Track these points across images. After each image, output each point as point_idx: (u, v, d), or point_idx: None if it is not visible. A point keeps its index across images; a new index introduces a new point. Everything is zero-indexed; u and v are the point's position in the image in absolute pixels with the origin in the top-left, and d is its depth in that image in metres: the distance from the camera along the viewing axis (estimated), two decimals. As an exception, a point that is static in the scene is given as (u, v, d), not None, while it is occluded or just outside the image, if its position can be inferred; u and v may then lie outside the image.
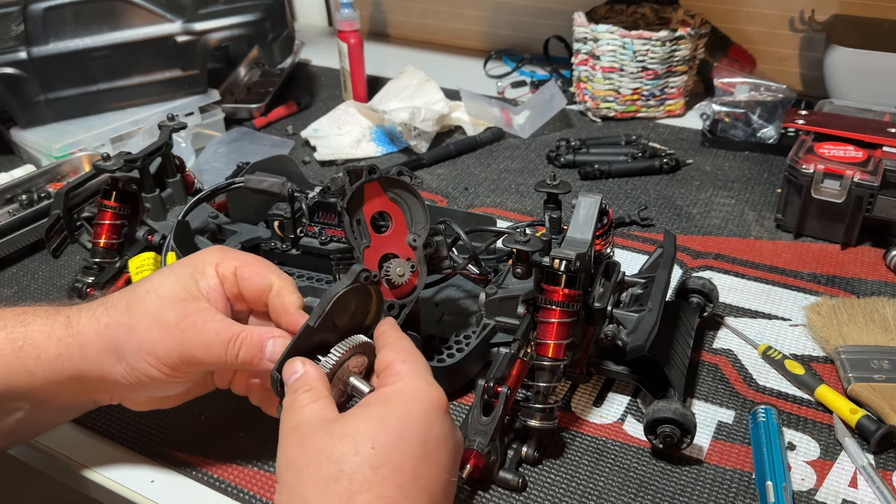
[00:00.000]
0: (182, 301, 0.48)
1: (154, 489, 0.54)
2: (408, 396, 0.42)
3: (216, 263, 0.50)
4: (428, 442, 0.41)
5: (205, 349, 0.47)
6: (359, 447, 0.39)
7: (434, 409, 0.42)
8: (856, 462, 0.54)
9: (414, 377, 0.43)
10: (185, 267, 0.50)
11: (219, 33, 1.00)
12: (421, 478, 0.39)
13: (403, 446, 0.40)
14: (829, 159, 0.77)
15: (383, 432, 0.40)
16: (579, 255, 0.52)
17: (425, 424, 0.41)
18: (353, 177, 0.54)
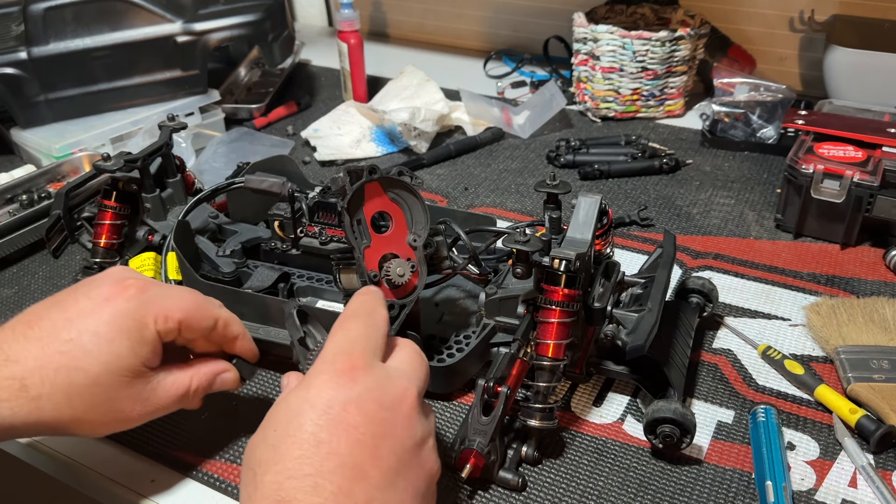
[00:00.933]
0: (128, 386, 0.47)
1: (154, 489, 0.54)
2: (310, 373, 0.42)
3: (154, 321, 0.48)
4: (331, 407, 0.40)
5: (165, 405, 0.50)
6: (266, 434, 0.41)
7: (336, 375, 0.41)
8: (855, 462, 0.54)
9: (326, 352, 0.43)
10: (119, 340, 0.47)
11: (219, 33, 1.00)
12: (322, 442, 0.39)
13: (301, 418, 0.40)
14: (828, 159, 0.77)
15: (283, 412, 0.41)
16: (579, 255, 0.52)
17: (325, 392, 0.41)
18: (354, 177, 0.54)
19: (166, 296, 0.49)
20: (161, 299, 0.49)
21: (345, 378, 0.41)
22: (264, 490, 0.38)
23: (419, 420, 0.43)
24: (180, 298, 0.49)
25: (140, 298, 0.48)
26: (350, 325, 0.45)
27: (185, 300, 0.49)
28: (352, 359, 0.42)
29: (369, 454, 0.39)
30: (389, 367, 0.44)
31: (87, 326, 0.47)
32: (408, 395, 0.42)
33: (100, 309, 0.47)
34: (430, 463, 0.43)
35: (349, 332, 0.44)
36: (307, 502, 0.37)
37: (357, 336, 0.44)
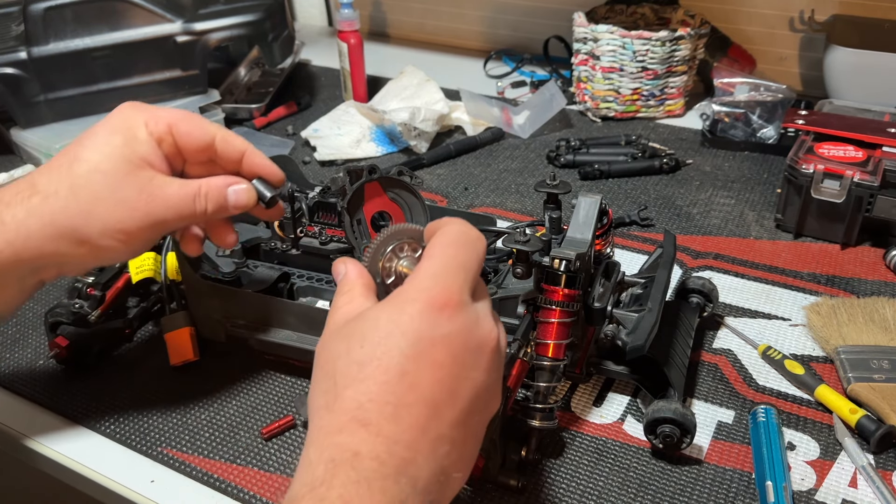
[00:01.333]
0: (130, 174, 0.48)
1: (154, 489, 0.54)
2: (405, 296, 0.41)
3: (145, 124, 0.50)
4: (420, 341, 0.39)
5: (174, 212, 0.49)
6: (350, 346, 0.40)
7: (430, 308, 0.40)
8: (855, 462, 0.54)
9: (424, 276, 0.41)
10: (114, 135, 0.49)
11: (219, 33, 1.00)
12: (407, 374, 0.38)
13: (390, 344, 0.39)
14: (828, 159, 0.77)
15: (372, 330, 0.40)
16: (579, 255, 0.52)
17: (417, 324, 0.39)
18: (354, 177, 0.54)
19: (157, 108, 0.51)
20: (151, 108, 0.51)
21: (439, 313, 0.40)
22: (344, 403, 0.39)
23: (498, 365, 0.42)
24: (170, 110, 0.51)
25: (126, 109, 0.51)
26: (453, 251, 0.42)
27: (175, 111, 0.51)
28: (448, 293, 0.40)
29: (448, 394, 0.39)
30: (479, 307, 0.42)
31: (85, 134, 0.50)
32: (492, 339, 0.42)
33: (94, 126, 0.51)
34: (493, 406, 0.43)
35: (450, 260, 0.42)
36: (386, 428, 0.38)
37: (458, 267, 0.42)
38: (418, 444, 0.38)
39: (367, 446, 0.37)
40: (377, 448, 0.37)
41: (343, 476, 0.36)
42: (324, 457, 0.37)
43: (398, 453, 0.37)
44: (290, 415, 0.59)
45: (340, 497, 0.35)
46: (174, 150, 0.51)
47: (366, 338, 0.40)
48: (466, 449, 0.41)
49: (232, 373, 0.63)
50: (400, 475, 0.37)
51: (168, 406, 0.60)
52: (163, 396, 0.61)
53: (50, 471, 0.59)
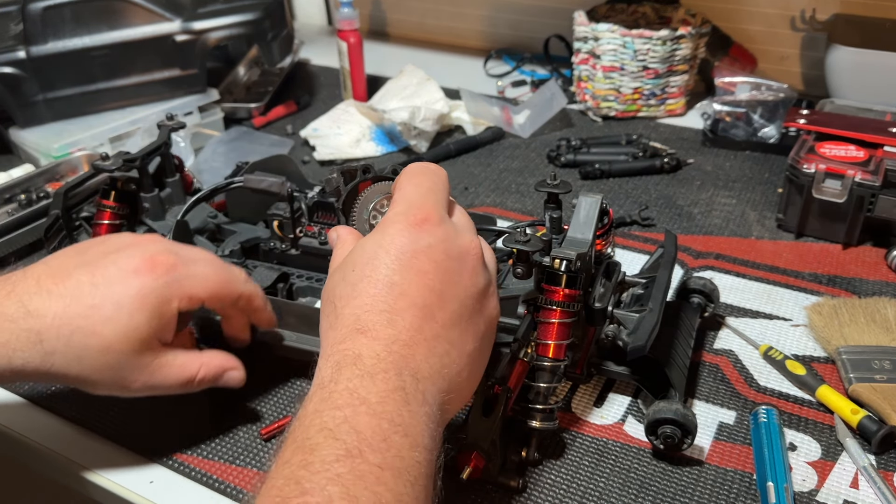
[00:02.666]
0: (140, 355, 0.49)
1: (154, 489, 0.54)
2: (386, 222, 0.45)
3: (178, 301, 0.50)
4: (403, 254, 0.43)
5: (169, 388, 0.52)
6: (345, 273, 0.45)
7: (409, 225, 0.44)
8: (857, 463, 0.54)
9: (399, 202, 0.46)
10: (140, 313, 0.48)
11: (218, 32, 1.00)
12: (396, 284, 0.43)
13: (376, 262, 0.44)
14: (830, 159, 0.76)
15: (361, 255, 0.45)
16: (580, 255, 0.52)
17: (399, 240, 0.44)
18: (348, 177, 0.54)
19: (193, 276, 0.51)
20: (188, 280, 0.51)
21: (417, 228, 0.44)
22: (344, 320, 0.43)
23: (482, 271, 0.46)
24: (206, 279, 0.52)
25: (167, 278, 0.50)
26: (418, 180, 0.48)
27: (211, 280, 0.52)
28: (423, 211, 0.45)
29: (437, 297, 0.43)
30: (456, 222, 0.47)
31: (112, 296, 0.48)
32: (472, 248, 0.46)
33: (127, 281, 0.49)
34: (489, 308, 0.47)
35: (419, 187, 0.47)
36: (383, 332, 0.42)
37: (427, 190, 0.47)
38: (415, 342, 0.42)
39: (367, 349, 0.41)
40: (376, 348, 0.41)
41: (347, 372, 0.40)
42: (330, 363, 0.41)
43: (396, 351, 0.41)
44: (290, 415, 0.58)
45: (346, 388, 0.39)
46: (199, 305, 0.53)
47: (356, 262, 0.45)
48: (468, 348, 0.44)
49: (231, 373, 0.63)
50: (401, 369, 0.41)
51: (167, 406, 0.60)
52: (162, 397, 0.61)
53: (48, 472, 0.59)
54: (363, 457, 0.36)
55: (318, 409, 0.39)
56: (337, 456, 0.36)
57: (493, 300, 0.47)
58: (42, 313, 0.47)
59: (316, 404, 0.39)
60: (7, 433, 0.60)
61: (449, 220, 0.47)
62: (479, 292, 0.46)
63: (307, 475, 0.35)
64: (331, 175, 0.54)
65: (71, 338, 0.47)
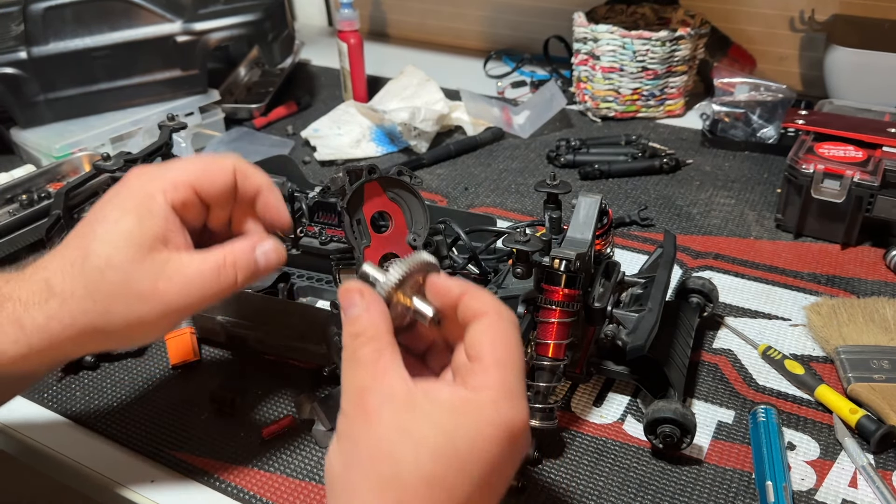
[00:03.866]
0: (144, 262, 0.44)
1: (154, 489, 0.54)
2: (486, 417, 0.36)
3: (163, 193, 0.45)
4: (492, 473, 0.36)
5: (197, 294, 0.45)
6: (419, 457, 0.35)
7: (509, 437, 0.36)
8: (856, 462, 0.54)
9: (500, 389, 0.37)
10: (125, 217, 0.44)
11: (219, 33, 1.00)
12: (472, 502, 0.35)
13: (464, 472, 0.35)
14: (828, 159, 0.77)
15: (446, 449, 0.35)
16: (579, 255, 0.52)
17: (495, 452, 0.36)
18: (353, 177, 0.54)
19: (170, 167, 0.46)
20: (165, 171, 0.46)
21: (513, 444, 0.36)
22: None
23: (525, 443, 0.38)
24: (185, 164, 0.47)
25: (143, 178, 0.46)
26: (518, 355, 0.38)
27: (191, 163, 0.46)
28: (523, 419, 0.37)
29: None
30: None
31: (97, 216, 0.45)
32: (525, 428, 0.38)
33: (108, 200, 0.46)
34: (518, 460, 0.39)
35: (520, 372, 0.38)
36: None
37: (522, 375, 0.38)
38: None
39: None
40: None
41: None
42: None
43: None
44: (290, 415, 0.59)
45: None
46: (197, 205, 0.47)
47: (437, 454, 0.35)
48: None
49: (232, 373, 0.63)
50: None
51: (168, 406, 0.60)
52: (163, 396, 0.61)
53: (49, 471, 0.59)
54: None
55: None
56: None
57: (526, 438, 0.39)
58: (48, 263, 0.45)
59: None
60: (7, 433, 0.60)
61: None
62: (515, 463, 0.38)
63: None
64: (336, 174, 0.54)
65: (73, 271, 0.44)
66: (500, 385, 0.37)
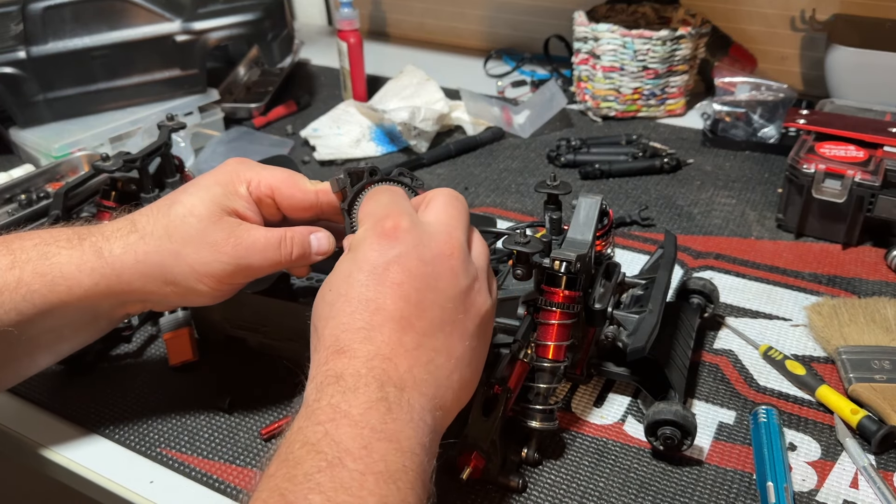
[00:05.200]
0: (221, 220, 0.51)
1: (154, 489, 0.54)
2: (357, 239, 0.46)
3: (248, 182, 0.53)
4: (375, 268, 0.44)
5: (260, 256, 0.51)
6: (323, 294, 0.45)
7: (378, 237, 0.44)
8: (857, 462, 0.54)
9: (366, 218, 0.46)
10: (216, 186, 0.52)
11: (218, 33, 1.00)
12: (370, 300, 0.43)
13: (350, 280, 0.44)
14: (830, 159, 0.76)
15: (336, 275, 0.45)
16: (579, 257, 0.52)
17: (369, 254, 0.44)
18: (355, 178, 0.54)
19: (259, 166, 0.54)
20: (254, 166, 0.54)
21: (387, 239, 0.44)
22: (325, 341, 0.43)
23: (462, 268, 0.45)
24: (273, 171, 0.54)
25: (239, 165, 0.53)
26: (378, 196, 0.48)
27: (277, 172, 0.54)
28: (390, 220, 0.45)
29: (414, 307, 0.43)
30: (428, 221, 0.46)
31: (191, 183, 0.53)
32: (448, 247, 0.45)
33: (204, 175, 0.53)
34: (476, 305, 0.46)
35: (380, 201, 0.48)
36: (362, 349, 0.42)
37: (388, 202, 0.47)
38: (395, 354, 0.42)
39: (348, 367, 0.41)
40: (356, 365, 0.41)
41: (330, 391, 0.40)
42: (313, 384, 0.42)
43: (377, 366, 0.41)
44: (289, 415, 0.58)
45: (329, 405, 0.40)
46: (274, 210, 0.54)
47: (332, 282, 0.45)
48: (456, 352, 0.44)
49: (231, 373, 0.63)
50: (383, 382, 0.41)
51: (167, 406, 0.60)
52: (162, 397, 0.61)
53: (49, 472, 0.59)
54: (343, 465, 0.37)
55: (301, 426, 0.39)
56: (319, 467, 0.37)
57: (479, 297, 0.46)
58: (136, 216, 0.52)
59: (300, 422, 0.40)
60: (7, 433, 0.60)
61: (420, 224, 0.46)
62: (460, 293, 0.45)
63: (290, 487, 0.36)
64: (338, 175, 0.54)
65: (158, 214, 0.51)
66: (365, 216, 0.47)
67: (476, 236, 0.49)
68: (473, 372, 0.46)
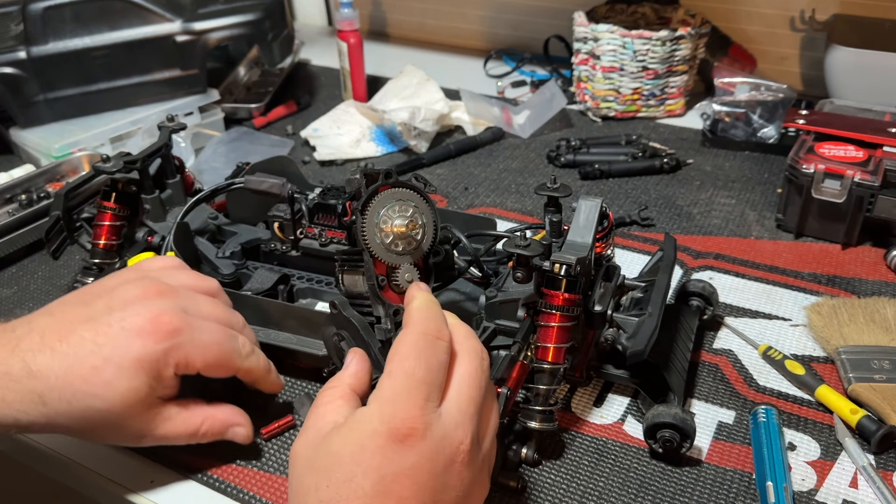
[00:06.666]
0: (140, 415, 0.50)
1: (154, 489, 0.54)
2: (367, 427, 0.40)
3: (175, 365, 0.49)
4: (383, 479, 0.39)
5: (171, 441, 0.52)
6: (318, 484, 0.40)
7: (392, 441, 0.40)
8: (856, 462, 0.54)
9: (385, 401, 0.41)
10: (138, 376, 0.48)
11: (218, 33, 1.00)
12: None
13: (353, 485, 0.39)
14: (829, 159, 0.77)
15: (336, 468, 0.40)
16: (579, 260, 0.52)
17: (379, 461, 0.39)
18: (370, 180, 0.54)
19: (194, 343, 0.50)
20: (189, 346, 0.50)
21: (401, 445, 0.40)
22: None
23: (470, 467, 0.42)
24: (206, 349, 0.50)
25: (168, 343, 0.49)
26: (410, 364, 0.42)
27: (212, 351, 0.51)
28: (410, 420, 0.40)
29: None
30: (446, 414, 0.42)
31: (113, 358, 0.48)
32: (461, 451, 0.41)
33: (129, 342, 0.48)
34: (477, 489, 0.44)
35: (409, 378, 0.41)
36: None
37: (418, 383, 0.41)
38: None
39: None
40: None
41: None
42: None
43: None
44: (289, 415, 0.59)
45: None
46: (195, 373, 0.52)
47: (331, 478, 0.40)
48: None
49: (232, 374, 0.63)
50: None
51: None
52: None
53: (49, 471, 0.59)
54: None
55: None
56: None
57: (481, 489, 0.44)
58: (45, 374, 0.47)
59: None
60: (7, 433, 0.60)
61: (437, 422, 0.41)
62: (464, 492, 0.42)
63: None
64: (353, 175, 0.53)
65: (73, 400, 0.47)
66: (385, 396, 0.41)
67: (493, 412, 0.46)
68: None
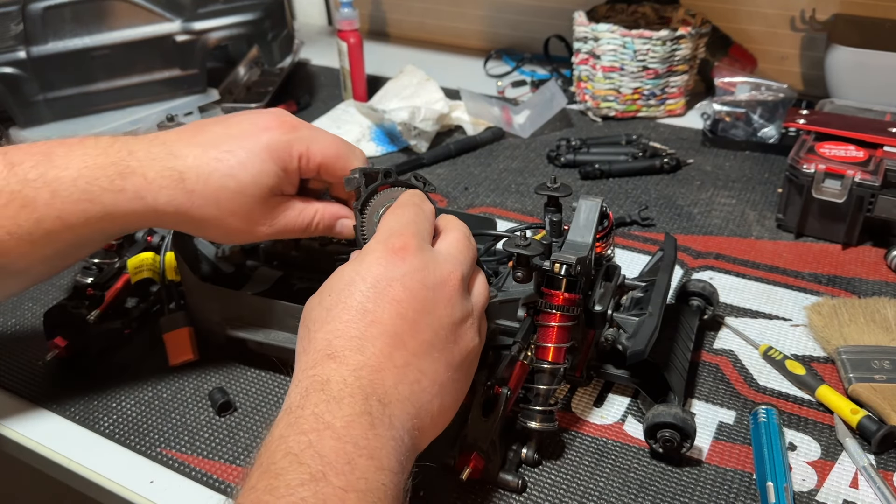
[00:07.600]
0: (267, 201, 0.54)
1: (154, 489, 0.54)
2: (366, 249, 0.47)
3: (299, 158, 0.54)
4: (378, 281, 0.44)
5: (288, 232, 0.56)
6: (321, 297, 0.46)
7: (387, 253, 0.45)
8: (857, 462, 0.54)
9: (381, 230, 0.48)
10: (270, 163, 0.53)
11: (218, 32, 1.00)
12: (368, 311, 0.43)
13: (352, 288, 0.44)
14: (829, 159, 0.76)
15: (338, 280, 0.46)
16: (579, 260, 0.52)
17: (375, 267, 0.45)
18: (369, 179, 0.54)
19: (314, 138, 0.55)
20: (308, 141, 0.55)
21: (395, 257, 0.45)
22: (316, 344, 0.43)
23: (459, 301, 0.46)
24: (325, 143, 0.55)
25: (293, 135, 0.54)
26: (401, 211, 0.49)
27: (329, 146, 0.55)
28: (403, 239, 0.46)
29: (409, 326, 0.44)
30: (438, 250, 0.48)
31: (245, 144, 0.53)
32: (451, 278, 0.46)
33: (258, 134, 0.53)
34: (465, 339, 0.47)
35: (401, 217, 0.48)
36: (352, 358, 0.42)
37: (408, 220, 0.48)
38: (384, 368, 0.42)
39: (335, 374, 0.41)
40: (344, 374, 0.41)
41: (314, 398, 0.40)
42: (299, 388, 0.42)
43: (364, 376, 0.42)
44: (289, 416, 0.59)
45: (312, 413, 0.40)
46: (317, 182, 0.58)
47: (332, 287, 0.46)
48: (440, 378, 0.44)
49: (231, 373, 0.63)
50: (368, 394, 0.41)
51: (167, 406, 0.60)
52: (162, 396, 0.61)
53: (49, 471, 0.59)
54: (327, 480, 0.37)
55: (283, 434, 0.39)
56: (301, 480, 0.37)
57: (470, 332, 0.47)
58: (184, 154, 0.52)
59: (282, 429, 0.40)
60: (7, 432, 0.60)
61: (429, 249, 0.47)
62: (453, 322, 0.46)
63: (272, 500, 0.36)
64: (353, 175, 0.54)
65: (210, 178, 0.52)
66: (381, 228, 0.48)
67: (480, 278, 0.50)
68: (452, 402, 0.46)
